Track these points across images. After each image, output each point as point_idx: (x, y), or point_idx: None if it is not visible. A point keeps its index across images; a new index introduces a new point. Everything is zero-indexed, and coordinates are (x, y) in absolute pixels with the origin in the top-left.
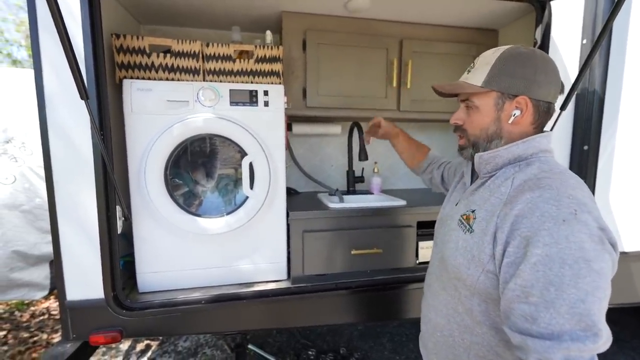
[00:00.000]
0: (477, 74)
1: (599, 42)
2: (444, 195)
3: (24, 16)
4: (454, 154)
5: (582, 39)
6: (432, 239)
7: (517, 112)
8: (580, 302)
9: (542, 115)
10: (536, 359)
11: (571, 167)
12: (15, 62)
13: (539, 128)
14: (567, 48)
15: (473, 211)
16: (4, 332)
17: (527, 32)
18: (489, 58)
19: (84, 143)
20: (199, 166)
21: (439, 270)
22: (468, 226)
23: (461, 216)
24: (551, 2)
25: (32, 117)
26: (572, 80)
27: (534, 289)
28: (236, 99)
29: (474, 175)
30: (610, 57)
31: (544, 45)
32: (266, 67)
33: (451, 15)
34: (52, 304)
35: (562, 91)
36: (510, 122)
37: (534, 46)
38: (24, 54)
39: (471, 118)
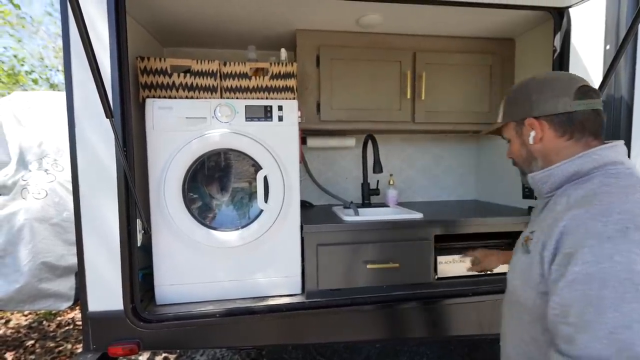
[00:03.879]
0: (500, 114)
1: (624, 47)
2: (461, 210)
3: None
4: (471, 164)
5: (605, 45)
6: (450, 253)
7: (533, 133)
8: (624, 329)
9: (566, 125)
10: None
11: None
12: (52, 86)
13: (577, 136)
14: (589, 55)
15: (532, 232)
16: (32, 342)
17: (546, 40)
18: (504, 99)
19: (108, 159)
20: (214, 180)
21: (507, 296)
22: (526, 247)
23: (523, 238)
24: (570, 9)
25: (64, 136)
26: (597, 87)
27: (572, 308)
28: (251, 114)
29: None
30: (637, 62)
31: (564, 52)
32: (281, 83)
33: (465, 26)
34: (78, 314)
35: (583, 95)
36: (531, 142)
37: (553, 54)
38: (61, 78)
39: (510, 150)
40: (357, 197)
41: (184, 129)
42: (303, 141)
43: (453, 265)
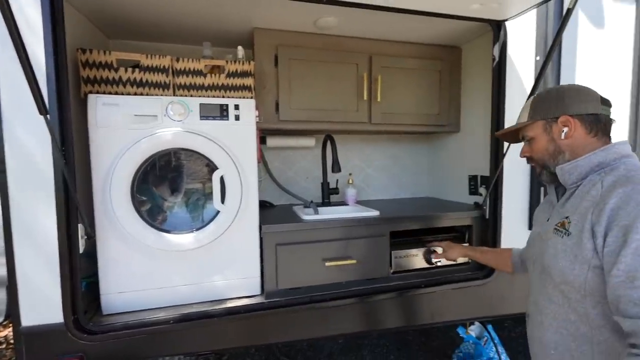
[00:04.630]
0: (523, 115)
1: (549, 58)
2: (415, 206)
3: None
4: (424, 163)
5: (536, 56)
6: (404, 248)
7: (565, 129)
8: None
9: (593, 124)
10: None
11: (532, 183)
12: None
13: (599, 135)
14: (523, 64)
15: (567, 217)
16: None
17: (488, 49)
18: (528, 103)
19: (44, 159)
20: (166, 181)
21: (541, 283)
22: (564, 230)
23: (556, 225)
24: (506, 22)
25: None
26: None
27: (638, 272)
28: (206, 113)
29: (558, 194)
30: (562, 70)
31: (502, 62)
32: (238, 81)
33: (417, 32)
34: (12, 331)
35: (605, 103)
36: (562, 137)
37: (492, 63)
38: None
39: (532, 147)
40: (317, 197)
41: (132, 127)
42: (262, 141)
43: (407, 260)
